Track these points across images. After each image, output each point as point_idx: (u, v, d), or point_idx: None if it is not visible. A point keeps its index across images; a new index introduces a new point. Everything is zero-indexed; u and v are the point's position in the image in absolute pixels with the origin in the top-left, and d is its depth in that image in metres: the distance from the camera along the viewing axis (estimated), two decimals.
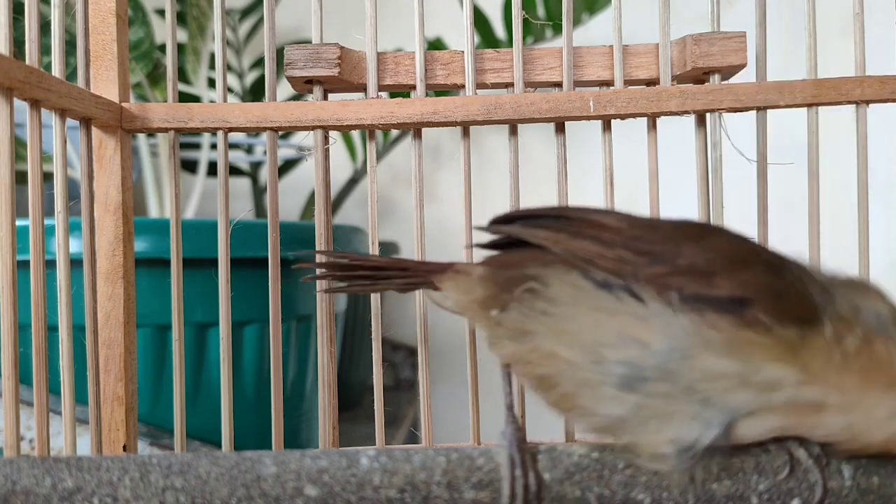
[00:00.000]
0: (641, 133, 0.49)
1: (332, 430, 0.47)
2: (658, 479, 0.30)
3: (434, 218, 0.61)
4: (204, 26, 0.83)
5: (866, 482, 0.31)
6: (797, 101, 0.46)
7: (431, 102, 0.47)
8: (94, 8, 0.46)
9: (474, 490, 0.30)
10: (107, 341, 0.46)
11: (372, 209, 0.48)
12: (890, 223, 0.79)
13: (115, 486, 0.30)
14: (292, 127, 0.48)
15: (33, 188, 0.38)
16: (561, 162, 0.49)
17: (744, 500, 0.30)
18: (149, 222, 0.65)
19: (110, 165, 0.46)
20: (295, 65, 0.47)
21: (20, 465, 0.31)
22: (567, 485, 0.30)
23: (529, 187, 0.51)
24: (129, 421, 0.46)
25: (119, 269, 0.46)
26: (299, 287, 0.68)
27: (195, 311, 0.62)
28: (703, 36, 0.46)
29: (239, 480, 0.30)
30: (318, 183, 0.48)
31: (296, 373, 0.71)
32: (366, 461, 0.31)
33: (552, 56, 0.49)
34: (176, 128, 0.47)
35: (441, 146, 1.08)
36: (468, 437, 0.49)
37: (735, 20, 0.50)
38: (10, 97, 0.37)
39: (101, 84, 0.46)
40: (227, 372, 0.46)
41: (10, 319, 0.36)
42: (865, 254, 0.46)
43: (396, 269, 0.39)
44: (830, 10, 0.58)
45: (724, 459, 0.31)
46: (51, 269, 0.39)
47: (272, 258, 0.47)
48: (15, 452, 0.36)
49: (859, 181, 0.46)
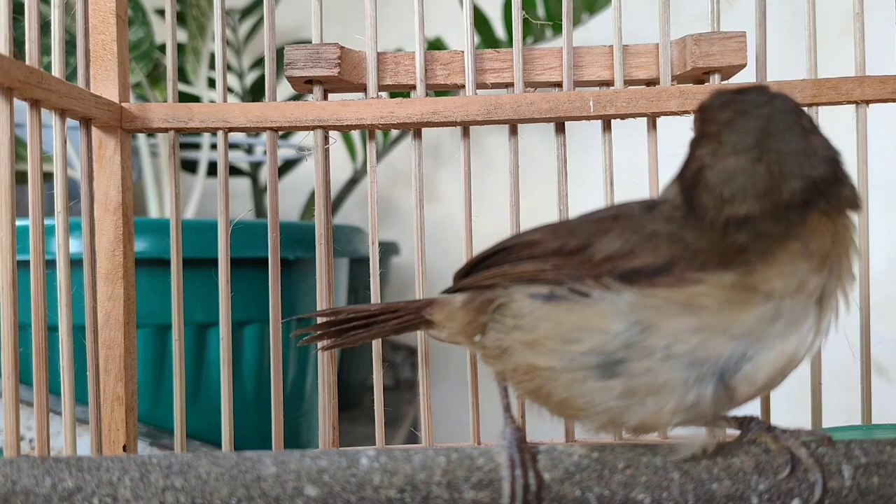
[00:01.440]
0: (641, 133, 0.49)
1: (332, 430, 0.47)
2: (658, 478, 0.31)
3: (434, 218, 0.61)
4: (204, 26, 0.83)
5: (866, 482, 0.31)
6: (797, 100, 0.46)
7: (431, 102, 0.47)
8: (94, 8, 0.46)
9: (474, 490, 0.30)
10: (107, 341, 0.46)
11: (372, 209, 0.48)
12: (890, 223, 0.79)
13: (115, 486, 0.30)
14: (292, 127, 0.48)
15: (33, 188, 0.38)
16: (561, 162, 0.49)
17: (744, 500, 0.30)
18: (149, 222, 0.65)
19: (110, 165, 0.46)
20: (295, 65, 0.47)
21: (20, 465, 0.31)
22: (567, 485, 0.30)
23: (529, 187, 0.51)
24: (129, 421, 0.46)
25: (119, 269, 0.46)
26: (299, 287, 0.68)
27: (195, 311, 0.62)
28: (703, 36, 0.46)
29: (239, 480, 0.30)
30: (318, 183, 0.48)
31: (296, 373, 0.71)
32: (366, 461, 0.31)
33: (552, 56, 0.49)
34: (176, 128, 0.47)
35: (441, 146, 1.08)
36: (468, 437, 0.49)
37: (735, 20, 0.50)
38: (10, 97, 0.37)
39: (101, 84, 0.46)
40: (227, 372, 0.46)
41: (10, 319, 0.36)
42: (865, 254, 0.46)
43: (388, 313, 0.41)
44: (830, 10, 0.58)
45: (724, 459, 0.31)
46: (51, 269, 0.39)
47: (272, 258, 0.47)
48: (15, 452, 0.36)
49: (859, 181, 0.46)
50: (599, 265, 0.30)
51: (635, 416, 0.30)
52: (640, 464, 0.31)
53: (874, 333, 0.46)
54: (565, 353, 0.30)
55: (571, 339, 0.30)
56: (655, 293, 0.29)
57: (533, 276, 0.32)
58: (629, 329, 0.29)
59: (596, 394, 0.30)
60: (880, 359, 0.89)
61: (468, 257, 0.49)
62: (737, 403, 0.30)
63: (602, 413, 0.30)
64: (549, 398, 0.31)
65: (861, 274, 0.46)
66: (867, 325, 0.46)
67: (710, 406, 0.29)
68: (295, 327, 0.44)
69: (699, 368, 0.29)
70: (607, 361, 0.29)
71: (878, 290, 0.46)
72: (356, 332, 0.41)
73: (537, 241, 0.33)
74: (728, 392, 0.29)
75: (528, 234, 0.34)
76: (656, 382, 0.29)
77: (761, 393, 0.30)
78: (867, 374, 0.46)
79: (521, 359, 0.32)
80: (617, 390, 0.29)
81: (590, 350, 0.29)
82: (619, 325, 0.29)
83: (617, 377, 0.29)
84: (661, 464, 0.31)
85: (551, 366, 0.30)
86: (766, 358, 0.29)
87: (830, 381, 0.47)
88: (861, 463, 0.31)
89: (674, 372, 0.29)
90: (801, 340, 0.29)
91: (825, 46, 0.48)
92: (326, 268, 0.48)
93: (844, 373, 0.50)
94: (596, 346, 0.29)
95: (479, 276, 0.35)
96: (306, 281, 0.67)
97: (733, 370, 0.29)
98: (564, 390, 0.30)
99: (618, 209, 0.33)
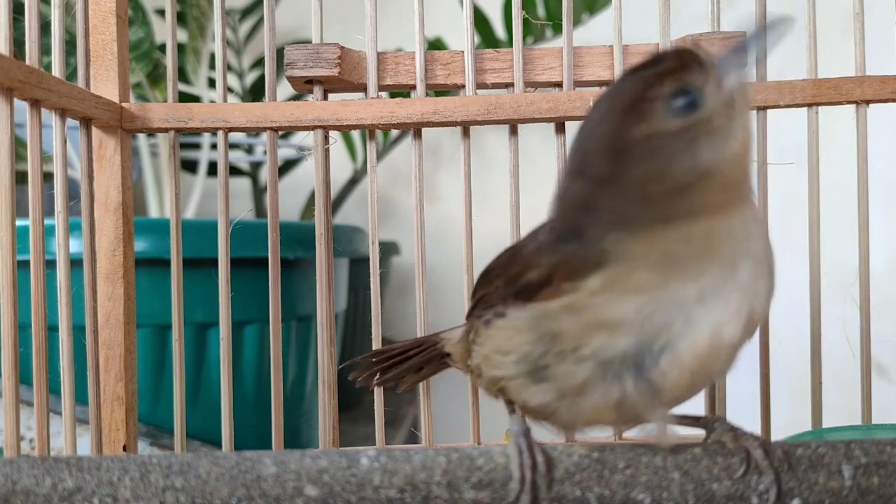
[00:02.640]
0: None
1: (332, 430, 0.48)
2: (658, 478, 0.31)
3: (434, 218, 0.61)
4: (204, 26, 0.83)
5: (866, 482, 0.31)
6: (797, 101, 0.46)
7: (431, 102, 0.47)
8: (94, 8, 0.46)
9: (474, 490, 0.30)
10: (107, 341, 0.46)
11: (372, 209, 0.48)
12: (890, 223, 0.79)
13: (115, 486, 0.30)
14: (292, 127, 0.48)
15: (33, 188, 0.38)
16: (561, 162, 0.49)
17: (744, 500, 0.30)
18: (149, 222, 0.65)
19: (110, 165, 0.46)
20: (295, 65, 0.47)
21: (20, 465, 0.31)
22: (567, 485, 0.30)
23: (529, 187, 0.51)
24: (129, 421, 0.46)
25: (119, 269, 0.46)
26: (299, 287, 0.68)
27: (195, 311, 0.62)
28: (703, 36, 0.46)
29: (239, 480, 0.30)
30: (318, 183, 0.48)
31: (296, 373, 0.71)
32: (366, 461, 0.31)
33: (552, 56, 0.49)
34: (176, 128, 0.47)
35: (441, 146, 1.08)
36: (468, 437, 0.49)
37: (735, 20, 0.50)
38: (10, 97, 0.37)
39: (101, 84, 0.46)
40: (227, 372, 0.46)
41: (10, 319, 0.36)
42: (865, 254, 0.46)
43: (415, 349, 0.44)
44: (830, 10, 0.58)
45: (724, 459, 0.31)
46: (51, 269, 0.39)
47: (272, 258, 0.47)
48: (15, 452, 0.36)
49: (859, 181, 0.46)
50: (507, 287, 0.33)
51: (578, 415, 0.32)
52: (640, 464, 0.31)
53: (874, 333, 0.46)
54: (506, 364, 0.33)
55: (506, 351, 0.33)
56: (547, 304, 0.31)
57: (486, 302, 0.35)
58: (541, 339, 0.31)
59: (541, 397, 0.32)
60: (880, 359, 0.89)
61: (468, 257, 0.49)
62: (670, 394, 0.30)
63: (553, 413, 0.32)
64: (524, 406, 0.34)
65: (861, 274, 0.46)
66: (867, 325, 0.46)
67: (639, 400, 0.30)
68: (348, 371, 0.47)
69: (610, 365, 0.30)
70: (536, 367, 0.32)
71: (878, 290, 0.46)
72: (397, 368, 0.45)
73: (493, 268, 0.37)
74: (651, 385, 0.30)
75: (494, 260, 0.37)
76: (578, 383, 0.30)
77: (699, 383, 0.31)
78: (867, 374, 0.46)
79: (485, 371, 0.35)
80: (552, 393, 0.32)
81: (520, 359, 0.32)
82: (531, 335, 0.31)
83: (547, 381, 0.31)
84: (661, 464, 0.31)
85: (501, 375, 0.33)
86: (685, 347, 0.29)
87: (830, 381, 0.47)
88: (861, 463, 0.31)
89: (589, 371, 0.30)
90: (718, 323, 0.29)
91: (825, 46, 0.48)
92: (326, 268, 0.48)
93: (844, 373, 0.50)
94: (523, 355, 0.32)
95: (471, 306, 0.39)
96: (306, 281, 0.67)
97: (650, 364, 0.29)
98: (519, 395, 0.33)
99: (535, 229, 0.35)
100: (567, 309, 0.30)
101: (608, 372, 0.30)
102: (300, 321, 0.70)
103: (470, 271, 0.49)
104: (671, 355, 0.29)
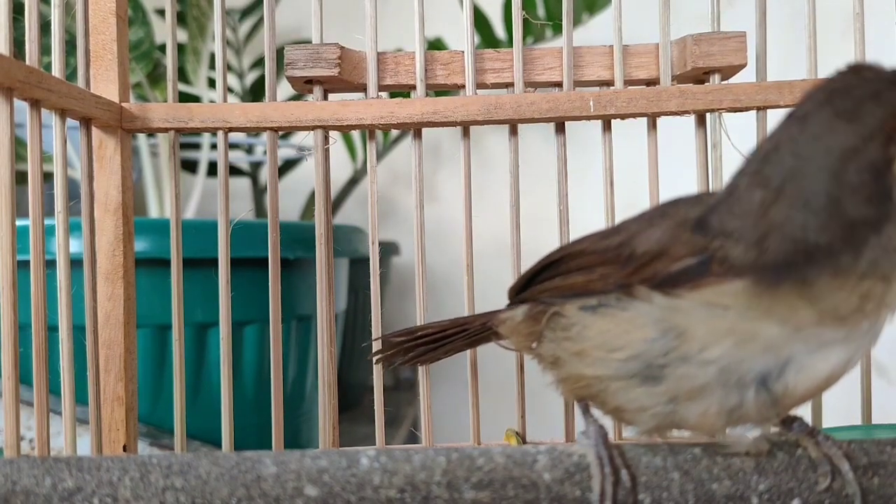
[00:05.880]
0: (641, 133, 0.49)
1: (332, 430, 0.47)
2: (658, 479, 0.31)
3: (434, 218, 0.61)
4: (204, 26, 0.83)
5: (866, 482, 0.31)
6: (797, 100, 0.46)
7: (431, 102, 0.47)
8: (94, 8, 0.46)
9: (474, 490, 0.30)
10: (107, 341, 0.46)
11: (372, 209, 0.48)
12: None
13: (115, 486, 0.30)
14: (292, 127, 0.48)
15: (33, 188, 0.38)
16: (561, 162, 0.49)
17: (744, 500, 0.30)
18: (149, 222, 0.65)
19: (110, 165, 0.46)
20: (295, 65, 0.47)
21: (20, 465, 0.31)
22: (567, 485, 0.30)
23: (529, 187, 0.51)
24: (129, 421, 0.46)
25: (119, 269, 0.46)
26: (299, 287, 0.68)
27: (195, 311, 0.62)
28: (703, 36, 0.46)
29: (239, 480, 0.30)
30: (318, 183, 0.48)
31: (296, 373, 0.71)
32: (366, 461, 0.31)
33: (552, 56, 0.49)
34: (176, 128, 0.47)
35: (441, 146, 1.08)
36: (468, 437, 0.49)
37: (735, 20, 0.50)
38: (10, 97, 0.37)
39: (101, 84, 0.46)
40: (227, 372, 0.46)
41: (10, 319, 0.36)
42: None
43: (457, 328, 0.42)
44: (830, 10, 0.58)
45: (724, 459, 0.31)
46: (51, 269, 0.39)
47: (272, 258, 0.47)
48: (15, 452, 0.36)
49: None
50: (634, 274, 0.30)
51: (683, 420, 0.30)
52: (640, 464, 0.31)
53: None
54: (610, 363, 0.30)
55: (615, 347, 0.30)
56: (687, 296, 0.28)
57: (582, 287, 0.32)
58: (664, 336, 0.29)
59: (644, 399, 0.30)
60: (880, 359, 0.89)
61: (468, 257, 0.49)
62: (784, 408, 0.30)
63: (652, 417, 0.31)
64: (605, 405, 0.32)
65: None
66: None
67: (754, 410, 0.29)
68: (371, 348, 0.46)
69: (737, 373, 0.29)
70: (650, 368, 0.30)
71: None
72: (427, 348, 0.43)
73: (584, 251, 0.33)
74: (772, 397, 0.29)
75: (575, 245, 0.35)
76: (697, 387, 0.29)
77: (809, 398, 0.30)
78: (867, 374, 0.46)
79: (571, 369, 0.32)
80: (662, 396, 0.30)
81: (631, 357, 0.30)
82: (653, 331, 0.29)
83: (661, 383, 0.30)
84: (661, 464, 0.31)
85: (598, 375, 0.31)
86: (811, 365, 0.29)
87: None
88: (861, 463, 0.31)
89: (711, 376, 0.29)
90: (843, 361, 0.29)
91: (825, 46, 0.48)
92: (326, 268, 0.48)
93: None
94: (637, 353, 0.30)
95: (535, 290, 0.36)
96: (306, 281, 0.67)
97: (776, 376, 0.29)
98: (615, 398, 0.31)
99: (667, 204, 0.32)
100: (709, 304, 0.28)
101: (731, 378, 0.29)
102: (300, 321, 0.70)
103: (470, 271, 0.49)
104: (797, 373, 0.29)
